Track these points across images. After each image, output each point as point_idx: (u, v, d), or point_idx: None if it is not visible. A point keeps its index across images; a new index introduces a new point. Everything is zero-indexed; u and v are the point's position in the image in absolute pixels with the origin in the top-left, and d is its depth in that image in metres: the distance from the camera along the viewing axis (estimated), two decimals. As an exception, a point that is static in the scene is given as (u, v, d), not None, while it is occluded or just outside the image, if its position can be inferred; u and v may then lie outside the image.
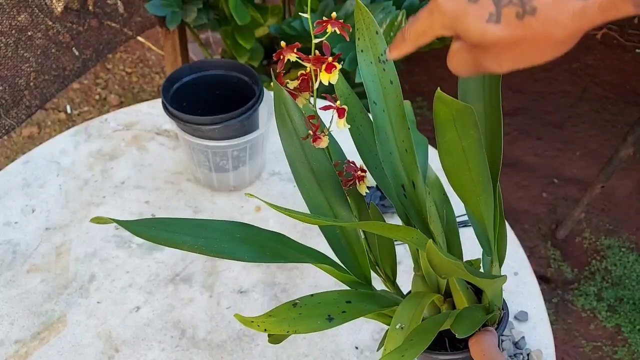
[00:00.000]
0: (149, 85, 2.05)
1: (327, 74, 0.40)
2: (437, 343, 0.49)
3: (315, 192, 0.46)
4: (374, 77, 0.45)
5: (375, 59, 0.45)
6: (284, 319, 0.41)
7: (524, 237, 1.63)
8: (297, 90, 0.43)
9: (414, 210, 0.46)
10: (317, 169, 0.46)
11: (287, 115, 0.45)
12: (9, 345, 0.69)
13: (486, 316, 0.45)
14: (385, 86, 0.45)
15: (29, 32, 1.11)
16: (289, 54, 0.40)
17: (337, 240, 0.48)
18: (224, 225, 0.43)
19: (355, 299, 0.44)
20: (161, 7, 1.29)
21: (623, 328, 1.45)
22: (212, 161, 0.81)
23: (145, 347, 0.69)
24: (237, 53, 1.41)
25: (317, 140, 0.42)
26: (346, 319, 0.42)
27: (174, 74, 0.81)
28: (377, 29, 0.44)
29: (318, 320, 0.41)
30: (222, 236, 0.41)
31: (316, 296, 0.43)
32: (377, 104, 0.45)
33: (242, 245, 0.41)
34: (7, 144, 1.84)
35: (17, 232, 0.82)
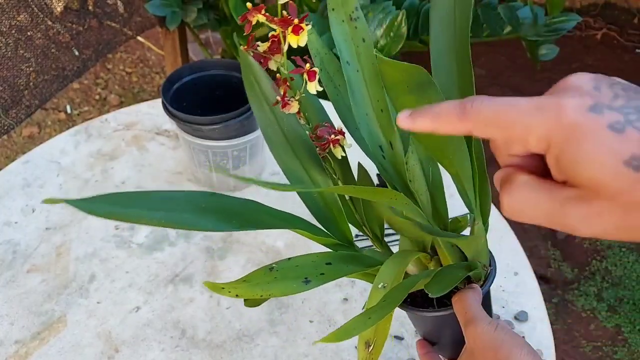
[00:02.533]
0: (149, 85, 2.05)
1: (295, 35, 0.38)
2: (426, 301, 0.48)
3: (289, 158, 0.45)
4: (345, 35, 0.43)
5: (346, 17, 0.43)
6: (257, 283, 0.40)
7: (524, 237, 1.63)
8: (267, 53, 0.41)
9: (394, 170, 0.45)
10: (290, 134, 0.45)
11: (255, 81, 0.44)
12: (9, 345, 0.69)
13: (465, 273, 0.44)
14: (358, 44, 0.43)
15: (29, 32, 1.11)
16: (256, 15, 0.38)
17: (315, 204, 0.46)
18: (187, 195, 0.40)
19: (335, 261, 0.43)
20: (161, 7, 1.29)
21: (623, 328, 1.45)
22: (212, 161, 0.81)
23: (145, 347, 0.69)
24: (237, 53, 1.41)
25: (286, 106, 0.41)
26: (324, 280, 0.41)
27: (174, 74, 0.81)
28: None
29: (294, 283, 0.40)
30: (186, 206, 0.38)
31: (294, 259, 0.42)
32: (350, 64, 0.43)
33: (207, 214, 0.38)
34: (7, 144, 1.84)
35: (17, 232, 0.82)
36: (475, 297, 0.44)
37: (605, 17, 2.40)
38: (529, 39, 1.26)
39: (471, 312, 0.43)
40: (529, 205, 0.26)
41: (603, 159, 0.23)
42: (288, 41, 0.39)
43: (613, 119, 0.23)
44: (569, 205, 0.24)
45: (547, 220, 0.26)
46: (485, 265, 0.47)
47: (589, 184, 0.24)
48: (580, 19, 1.27)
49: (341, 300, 0.74)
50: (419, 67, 0.34)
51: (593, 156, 0.23)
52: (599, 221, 0.24)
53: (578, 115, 0.23)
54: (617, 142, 0.22)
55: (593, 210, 0.24)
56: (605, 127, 0.23)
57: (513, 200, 0.26)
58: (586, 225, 0.24)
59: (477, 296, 0.45)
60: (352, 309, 0.73)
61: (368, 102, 0.43)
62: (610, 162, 0.23)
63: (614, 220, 0.23)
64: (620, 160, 0.22)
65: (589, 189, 0.24)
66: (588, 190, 0.24)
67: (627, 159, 0.22)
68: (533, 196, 0.26)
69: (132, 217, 0.34)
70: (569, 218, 0.24)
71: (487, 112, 0.26)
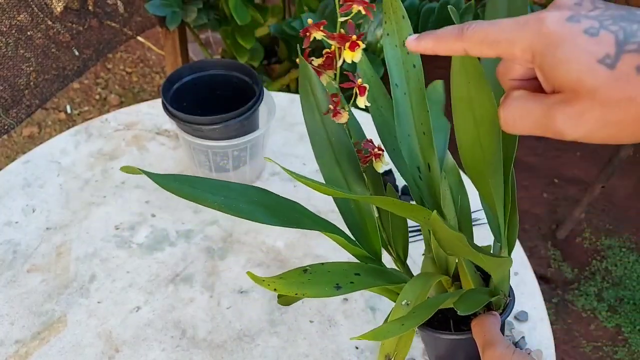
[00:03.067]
0: (149, 85, 2.05)
1: (351, 52, 0.41)
2: (442, 325, 0.50)
3: (332, 166, 0.48)
4: (397, 60, 0.46)
5: (400, 42, 0.45)
6: (293, 282, 0.42)
7: (524, 237, 1.63)
8: (321, 68, 0.44)
9: (428, 192, 0.47)
10: (336, 144, 0.48)
11: (311, 90, 0.47)
12: (9, 345, 0.69)
13: (489, 298, 0.46)
14: (408, 69, 0.46)
15: (29, 32, 1.11)
16: (316, 32, 0.41)
17: (350, 215, 0.49)
18: (242, 187, 0.44)
19: (364, 272, 0.46)
20: (161, 7, 1.29)
21: (623, 328, 1.45)
22: (213, 161, 0.81)
23: (146, 347, 0.69)
24: (237, 53, 1.41)
25: (337, 115, 0.44)
26: (353, 289, 0.43)
27: (174, 74, 0.81)
28: (403, 13, 0.45)
29: (326, 287, 0.43)
30: (241, 197, 0.43)
31: (327, 265, 0.45)
32: (399, 86, 0.46)
33: (258, 207, 0.42)
34: (7, 144, 1.84)
35: (17, 232, 0.82)
36: (494, 322, 0.46)
37: (605, 17, 2.39)
38: (529, 39, 1.25)
39: (490, 336, 0.45)
40: (521, 114, 0.28)
41: (579, 60, 0.25)
42: (344, 57, 0.41)
43: (588, 24, 0.25)
44: (554, 110, 0.26)
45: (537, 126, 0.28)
46: (505, 294, 0.49)
47: (569, 86, 0.26)
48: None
49: (341, 300, 0.74)
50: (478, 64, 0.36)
51: (570, 57, 0.25)
52: (582, 121, 0.26)
53: (556, 25, 0.26)
54: (592, 44, 0.25)
55: (575, 111, 0.26)
56: (582, 32, 0.25)
57: (507, 112, 0.29)
58: (571, 127, 0.26)
59: (496, 322, 0.46)
60: (352, 309, 0.73)
61: (412, 123, 0.46)
62: (585, 61, 0.25)
63: (595, 118, 0.25)
64: (594, 59, 0.24)
65: (570, 91, 0.26)
66: (570, 93, 0.26)
67: (601, 58, 0.24)
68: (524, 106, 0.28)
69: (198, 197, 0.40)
70: (556, 122, 0.27)
71: (479, 33, 0.29)
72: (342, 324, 0.72)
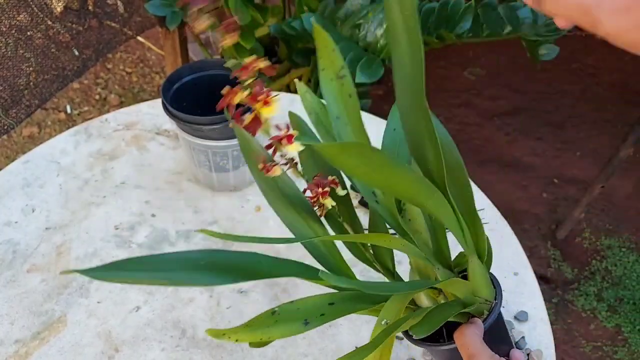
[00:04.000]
0: (149, 85, 2.05)
1: (267, 107, 0.42)
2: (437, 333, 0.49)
3: (288, 212, 0.50)
4: (334, 92, 0.47)
5: (334, 75, 0.47)
6: (258, 327, 0.43)
7: (524, 237, 1.63)
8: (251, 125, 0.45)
9: (387, 214, 0.48)
10: (287, 191, 0.49)
11: (249, 149, 0.49)
12: (9, 345, 0.69)
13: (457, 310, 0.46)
14: (345, 100, 0.47)
15: (29, 32, 1.11)
16: (234, 98, 0.42)
17: (317, 251, 0.51)
18: (187, 255, 0.45)
19: (339, 301, 0.46)
20: (161, 7, 1.29)
21: (623, 328, 1.45)
22: (212, 161, 0.81)
23: (146, 347, 0.69)
24: (237, 53, 1.41)
25: (269, 171, 0.45)
26: (324, 321, 0.44)
27: (174, 74, 0.81)
28: (333, 46, 0.46)
29: (293, 325, 0.43)
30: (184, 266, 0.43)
31: (296, 302, 0.45)
32: (340, 119, 0.47)
33: (203, 272, 0.42)
34: (7, 144, 1.84)
35: (17, 231, 0.82)
36: (475, 332, 0.46)
37: (605, 17, 2.39)
38: (529, 39, 1.26)
39: (472, 349, 0.45)
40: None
41: None
42: (262, 114, 0.43)
43: None
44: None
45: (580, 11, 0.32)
46: (487, 299, 0.48)
47: None
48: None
49: (341, 300, 0.74)
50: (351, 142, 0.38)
51: None
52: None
53: None
54: None
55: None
56: None
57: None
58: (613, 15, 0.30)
59: (477, 330, 0.46)
60: (352, 309, 0.73)
61: None
62: None
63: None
64: None
65: None
66: None
67: None
68: None
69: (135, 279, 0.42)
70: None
71: None
72: (342, 323, 0.72)
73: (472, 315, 0.48)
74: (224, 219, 0.84)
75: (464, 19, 1.24)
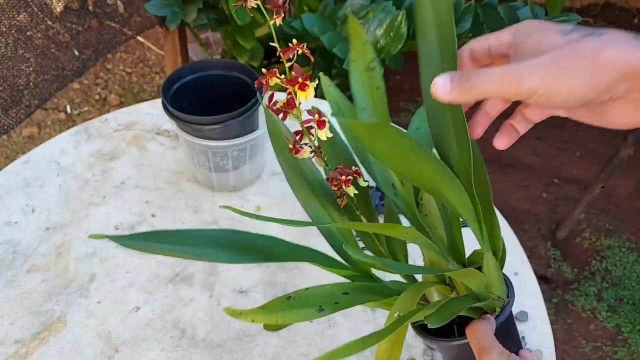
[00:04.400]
0: (149, 85, 2.05)
1: (302, 92, 0.44)
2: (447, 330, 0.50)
3: (310, 198, 0.50)
4: (363, 84, 0.48)
5: (365, 66, 0.47)
6: (274, 310, 0.43)
7: (524, 237, 1.63)
8: (284, 108, 0.46)
9: (405, 206, 0.48)
10: (310, 177, 0.50)
11: (277, 132, 0.50)
12: (9, 345, 0.69)
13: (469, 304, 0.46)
14: (373, 92, 0.47)
15: (29, 32, 1.11)
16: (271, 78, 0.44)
17: (334, 239, 0.51)
18: (211, 233, 0.46)
19: (352, 291, 0.47)
20: (161, 7, 1.29)
21: (623, 328, 1.45)
22: (212, 161, 0.81)
23: (145, 347, 0.69)
24: (237, 53, 1.41)
25: (298, 152, 0.46)
26: (337, 309, 0.44)
27: (174, 74, 0.81)
28: (366, 39, 0.47)
29: (308, 311, 0.43)
30: (208, 243, 0.44)
31: (311, 289, 0.45)
32: (366, 110, 0.47)
33: (227, 249, 0.44)
34: (7, 144, 1.84)
35: (17, 232, 0.82)
36: (487, 328, 0.46)
37: (605, 17, 2.40)
38: (529, 39, 1.25)
39: (483, 343, 0.45)
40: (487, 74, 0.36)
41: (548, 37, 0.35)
42: (298, 97, 0.44)
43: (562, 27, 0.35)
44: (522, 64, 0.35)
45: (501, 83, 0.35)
46: (500, 297, 0.49)
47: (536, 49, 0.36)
48: (580, 19, 1.27)
49: (341, 300, 0.74)
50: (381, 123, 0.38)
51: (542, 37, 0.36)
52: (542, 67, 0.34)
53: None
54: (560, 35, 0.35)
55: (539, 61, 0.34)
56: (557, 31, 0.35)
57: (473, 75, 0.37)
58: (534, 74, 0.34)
59: (489, 327, 0.46)
60: (351, 309, 0.73)
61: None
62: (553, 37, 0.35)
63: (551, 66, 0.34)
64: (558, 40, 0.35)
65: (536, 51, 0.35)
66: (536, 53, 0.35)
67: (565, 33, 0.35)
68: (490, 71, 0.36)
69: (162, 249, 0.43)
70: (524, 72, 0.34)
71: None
72: (342, 323, 0.72)
73: (484, 312, 0.48)
74: (224, 219, 0.84)
75: (464, 19, 1.24)
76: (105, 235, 0.41)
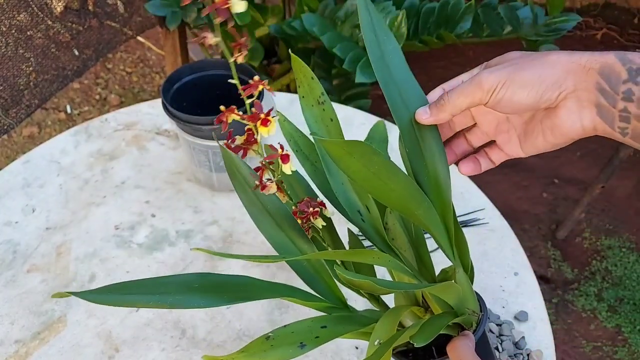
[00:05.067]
0: (149, 85, 2.05)
1: (264, 127, 0.44)
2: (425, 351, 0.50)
3: (275, 232, 0.50)
4: (316, 117, 0.49)
5: (314, 101, 0.48)
6: (254, 352, 0.43)
7: (524, 237, 1.63)
8: (245, 144, 0.46)
9: (374, 231, 0.49)
10: (273, 211, 0.50)
11: (236, 170, 0.50)
12: (9, 345, 0.69)
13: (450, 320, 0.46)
14: (327, 124, 0.48)
15: (29, 32, 1.11)
16: (230, 116, 0.43)
17: (306, 272, 0.51)
18: (180, 278, 0.46)
19: (330, 323, 0.47)
20: (161, 7, 1.29)
21: (623, 328, 1.45)
22: (213, 161, 0.81)
23: (145, 347, 0.69)
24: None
25: (264, 189, 0.46)
26: (319, 343, 0.44)
27: (174, 74, 0.81)
28: (312, 75, 0.48)
29: (290, 348, 0.43)
30: (178, 288, 0.44)
31: (289, 326, 0.45)
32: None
33: (197, 294, 0.44)
34: (7, 144, 1.84)
35: (17, 232, 0.82)
36: (468, 343, 0.46)
37: (605, 17, 2.40)
38: (529, 39, 1.26)
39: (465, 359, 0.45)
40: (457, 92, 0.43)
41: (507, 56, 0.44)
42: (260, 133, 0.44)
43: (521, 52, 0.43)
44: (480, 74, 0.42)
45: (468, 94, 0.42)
46: (474, 311, 0.49)
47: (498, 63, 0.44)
48: (580, 19, 1.27)
49: (341, 300, 0.74)
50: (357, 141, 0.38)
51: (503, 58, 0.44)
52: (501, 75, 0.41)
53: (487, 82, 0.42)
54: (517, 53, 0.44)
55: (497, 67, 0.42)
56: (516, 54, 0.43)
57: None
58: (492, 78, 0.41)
59: (469, 342, 0.47)
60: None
61: (342, 173, 0.48)
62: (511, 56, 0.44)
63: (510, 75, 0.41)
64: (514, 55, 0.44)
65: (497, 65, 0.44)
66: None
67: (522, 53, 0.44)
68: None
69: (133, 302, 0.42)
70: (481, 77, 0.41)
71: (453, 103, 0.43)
72: (342, 324, 0.72)
73: (462, 329, 0.49)
74: (224, 219, 0.84)
75: (464, 19, 1.24)
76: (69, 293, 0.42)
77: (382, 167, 0.39)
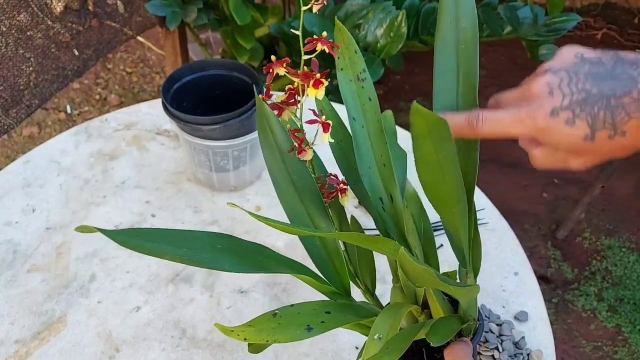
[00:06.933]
0: (149, 85, 2.05)
1: (315, 89, 0.41)
2: (414, 354, 0.49)
3: (296, 204, 0.47)
4: (353, 94, 0.46)
5: (354, 76, 0.46)
6: (263, 328, 0.42)
7: (524, 237, 1.63)
8: (284, 104, 0.43)
9: (392, 222, 0.47)
10: (298, 181, 0.47)
11: (269, 129, 0.46)
12: (9, 345, 0.69)
13: (461, 325, 0.46)
14: (364, 103, 0.46)
15: (29, 32, 1.11)
16: (278, 68, 0.41)
17: (317, 252, 0.49)
18: (206, 236, 0.44)
19: (334, 310, 0.46)
20: (161, 7, 1.29)
21: (623, 328, 1.45)
22: (213, 161, 0.81)
23: (146, 347, 0.69)
24: (237, 53, 1.41)
25: (302, 153, 0.43)
26: (325, 329, 0.43)
27: (174, 74, 0.81)
28: (355, 48, 0.45)
29: (297, 330, 0.42)
30: (204, 246, 0.43)
31: (296, 307, 0.44)
32: (357, 120, 0.46)
33: (223, 255, 0.43)
34: (7, 144, 1.84)
35: (17, 231, 0.82)
36: (466, 349, 0.46)
37: (605, 17, 2.40)
38: (529, 39, 1.26)
39: None
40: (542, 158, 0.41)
41: (569, 141, 0.38)
42: (307, 93, 0.41)
43: (565, 116, 0.38)
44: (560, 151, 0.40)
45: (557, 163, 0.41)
46: (474, 319, 0.49)
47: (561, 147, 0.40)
48: (580, 19, 1.27)
49: (341, 300, 0.74)
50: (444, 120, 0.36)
51: (560, 140, 0.39)
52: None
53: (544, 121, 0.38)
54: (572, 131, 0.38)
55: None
56: (563, 124, 0.38)
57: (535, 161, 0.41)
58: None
59: (468, 349, 0.46)
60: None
61: (372, 156, 0.46)
62: (574, 142, 0.38)
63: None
64: (581, 140, 0.38)
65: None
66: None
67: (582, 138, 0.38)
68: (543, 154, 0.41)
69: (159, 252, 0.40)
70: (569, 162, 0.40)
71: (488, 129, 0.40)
72: (342, 323, 0.72)
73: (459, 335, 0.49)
74: (224, 219, 0.84)
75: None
76: (97, 229, 0.38)
77: (448, 155, 0.38)
